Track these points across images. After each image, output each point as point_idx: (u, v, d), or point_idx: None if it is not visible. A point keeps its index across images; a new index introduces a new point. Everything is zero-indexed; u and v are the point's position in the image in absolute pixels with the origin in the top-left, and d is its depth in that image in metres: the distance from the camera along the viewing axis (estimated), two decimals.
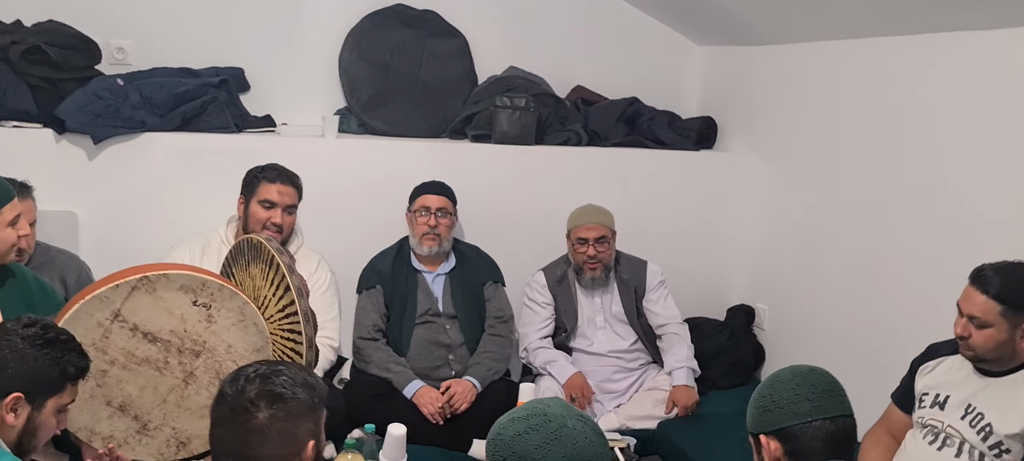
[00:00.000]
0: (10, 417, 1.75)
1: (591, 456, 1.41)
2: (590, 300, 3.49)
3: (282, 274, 2.39)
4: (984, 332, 2.17)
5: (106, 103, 3.31)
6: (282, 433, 1.54)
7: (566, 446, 1.40)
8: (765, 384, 1.73)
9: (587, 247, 3.39)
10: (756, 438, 1.71)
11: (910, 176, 3.04)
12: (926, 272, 2.96)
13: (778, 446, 1.65)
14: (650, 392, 3.37)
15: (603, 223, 3.42)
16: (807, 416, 1.64)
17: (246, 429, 1.53)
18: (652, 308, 3.52)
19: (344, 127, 3.79)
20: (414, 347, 3.29)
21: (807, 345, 3.52)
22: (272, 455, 1.53)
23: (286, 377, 1.59)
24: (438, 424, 3.08)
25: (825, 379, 1.70)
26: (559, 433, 1.40)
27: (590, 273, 3.43)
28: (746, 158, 3.96)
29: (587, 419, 1.48)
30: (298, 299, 2.37)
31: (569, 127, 3.92)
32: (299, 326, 2.38)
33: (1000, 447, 2.17)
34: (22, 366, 1.77)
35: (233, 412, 1.54)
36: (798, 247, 3.66)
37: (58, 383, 1.82)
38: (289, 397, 1.56)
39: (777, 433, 1.66)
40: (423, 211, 3.35)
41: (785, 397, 1.66)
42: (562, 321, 3.48)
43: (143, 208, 3.41)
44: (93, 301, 2.18)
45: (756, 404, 1.72)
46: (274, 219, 3.09)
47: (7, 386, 1.75)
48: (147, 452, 2.35)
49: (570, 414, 1.46)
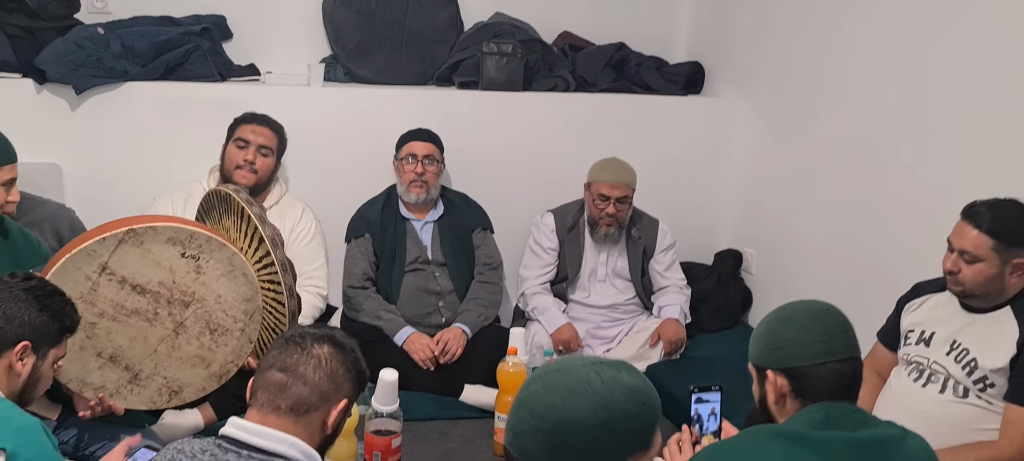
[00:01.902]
0: (18, 365, 1.79)
1: (610, 401, 1.28)
2: (596, 253, 3.47)
3: (254, 226, 2.38)
4: (974, 267, 2.20)
5: (87, 52, 3.25)
6: (332, 373, 1.59)
7: (583, 396, 1.28)
8: (777, 320, 1.69)
9: (608, 204, 3.34)
10: (762, 371, 1.70)
11: (898, 119, 3.04)
12: (913, 214, 2.97)
13: (785, 383, 1.64)
14: (639, 334, 3.40)
15: (627, 182, 3.35)
16: (820, 357, 1.62)
17: (305, 353, 1.58)
18: (658, 270, 3.51)
19: (330, 75, 3.75)
20: (404, 295, 3.30)
21: (794, 288, 3.54)
22: (315, 383, 1.57)
23: (354, 345, 1.68)
24: (429, 370, 3.10)
25: (839, 319, 1.67)
26: (574, 386, 1.29)
27: (605, 229, 3.39)
28: (734, 103, 3.94)
29: (620, 366, 1.35)
30: (273, 249, 2.36)
31: (557, 73, 3.89)
32: (278, 276, 2.38)
33: (985, 381, 2.21)
34: (28, 316, 1.81)
35: (302, 338, 1.60)
36: (785, 191, 3.67)
37: (59, 334, 1.88)
38: (349, 350, 1.64)
39: (786, 371, 1.64)
40: (410, 158, 3.33)
41: (798, 337, 1.64)
42: (564, 269, 3.47)
43: (127, 159, 3.38)
44: (79, 255, 2.17)
45: (765, 340, 1.69)
46: (247, 156, 3.08)
47: (16, 335, 1.79)
48: (140, 401, 2.36)
49: (591, 363, 1.34)
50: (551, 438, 1.27)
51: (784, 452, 1.54)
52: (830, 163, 3.38)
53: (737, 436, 1.67)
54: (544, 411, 1.28)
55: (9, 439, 1.61)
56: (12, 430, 1.63)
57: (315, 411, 1.56)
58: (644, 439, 1.30)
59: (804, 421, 1.60)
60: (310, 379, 1.56)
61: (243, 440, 1.53)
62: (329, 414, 1.58)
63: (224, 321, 2.35)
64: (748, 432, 1.65)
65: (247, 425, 1.55)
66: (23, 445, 1.62)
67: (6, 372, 1.79)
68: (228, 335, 2.36)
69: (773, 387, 1.66)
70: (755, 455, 1.55)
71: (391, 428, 2.37)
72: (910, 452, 1.61)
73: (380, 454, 2.34)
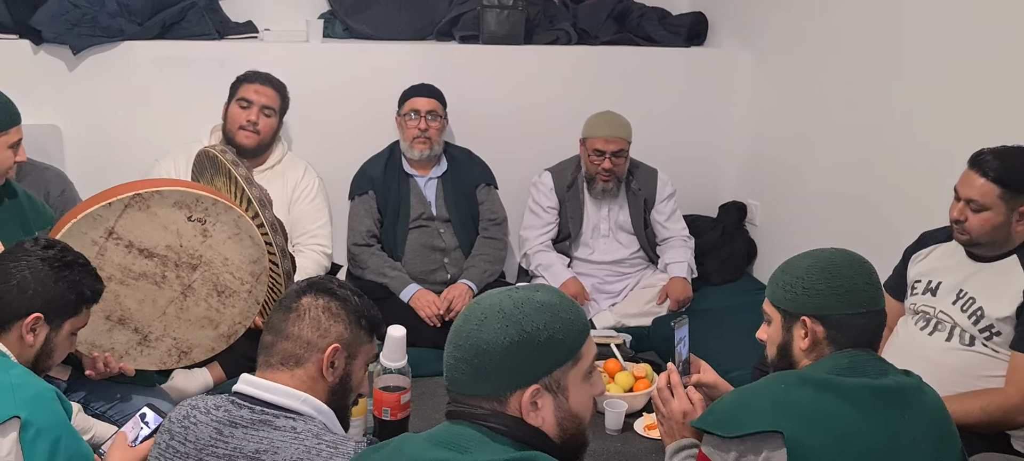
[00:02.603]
0: (29, 337, 1.78)
1: (520, 319, 1.32)
2: (597, 209, 3.46)
3: (241, 188, 2.38)
4: (981, 215, 2.20)
5: (82, 11, 3.21)
6: (314, 320, 1.60)
7: (496, 320, 1.33)
8: (817, 268, 1.65)
9: (603, 159, 3.31)
10: (793, 317, 1.67)
11: (902, 68, 3.01)
12: (918, 164, 2.96)
13: (821, 330, 1.64)
14: (645, 290, 3.40)
15: (622, 136, 3.32)
16: (862, 306, 1.62)
17: (287, 310, 1.61)
18: (660, 220, 3.50)
19: (329, 31, 3.70)
20: (409, 251, 3.30)
21: (799, 239, 3.52)
22: (297, 335, 1.59)
23: (346, 288, 1.67)
24: (436, 326, 3.11)
25: (873, 270, 1.67)
26: (488, 310, 1.34)
27: (603, 184, 3.37)
28: (737, 54, 3.91)
29: (538, 288, 1.39)
30: (261, 210, 2.36)
31: (558, 26, 3.85)
32: (269, 236, 2.38)
33: (991, 330, 2.22)
34: (42, 287, 1.78)
35: (287, 297, 1.62)
36: (789, 142, 3.65)
37: (76, 305, 1.84)
38: (339, 295, 1.64)
39: (824, 318, 1.63)
40: (413, 114, 3.31)
41: (843, 285, 1.62)
42: (566, 227, 3.47)
43: (127, 119, 3.35)
44: (86, 219, 2.16)
45: (803, 287, 1.65)
46: (250, 116, 3.07)
47: (28, 306, 1.77)
48: (149, 362, 2.37)
49: (513, 293, 1.38)
50: (473, 364, 1.33)
51: (812, 397, 1.55)
52: (834, 113, 3.36)
53: (761, 382, 1.65)
54: (462, 340, 1.34)
55: (23, 407, 1.60)
56: (26, 398, 1.62)
57: (306, 361, 1.58)
58: (569, 351, 1.35)
59: (829, 367, 1.60)
60: (292, 333, 1.59)
61: (256, 396, 1.55)
62: (321, 361, 1.59)
63: (231, 283, 2.35)
64: (772, 377, 1.65)
65: (259, 382, 1.57)
66: (36, 413, 1.61)
67: (17, 341, 1.77)
68: (236, 296, 2.37)
69: (807, 333, 1.65)
70: (783, 401, 1.55)
71: (400, 384, 2.38)
72: (929, 401, 1.62)
73: (389, 410, 2.35)
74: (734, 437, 1.55)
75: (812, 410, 1.53)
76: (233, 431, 1.51)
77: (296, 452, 1.48)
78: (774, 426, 1.51)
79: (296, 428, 1.51)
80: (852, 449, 1.51)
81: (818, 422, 1.52)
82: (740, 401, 1.61)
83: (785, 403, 1.55)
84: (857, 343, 1.63)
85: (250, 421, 1.52)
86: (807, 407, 1.53)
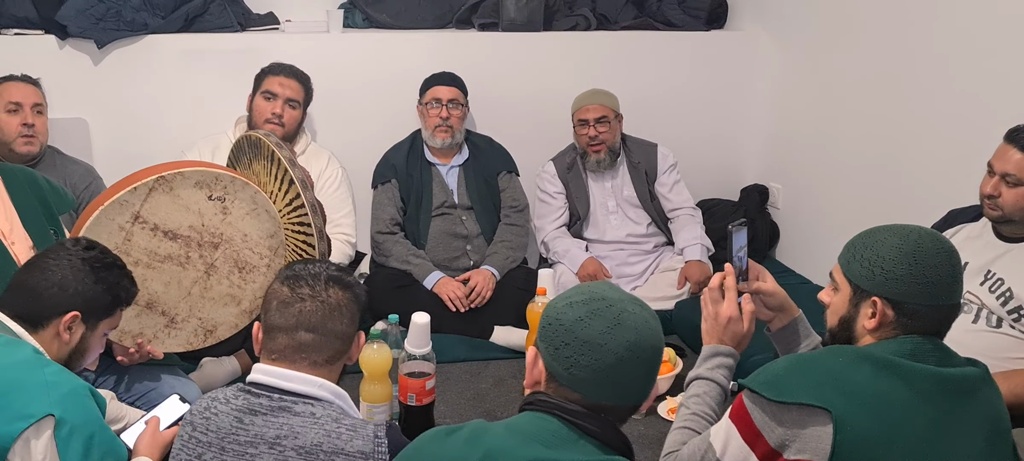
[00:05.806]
0: (66, 335, 1.79)
1: (653, 342, 1.38)
2: (600, 185, 3.49)
3: (284, 168, 2.41)
4: (1017, 190, 2.17)
5: (107, 6, 3.26)
6: (352, 315, 1.64)
7: (629, 332, 1.35)
8: (904, 250, 1.54)
9: (588, 128, 3.38)
10: (864, 294, 1.57)
11: (925, 48, 2.98)
12: (941, 146, 2.93)
13: (893, 315, 1.55)
14: (665, 274, 3.40)
15: (603, 103, 3.39)
16: (941, 299, 1.53)
17: (326, 305, 1.61)
18: (664, 192, 3.52)
19: (349, 21, 3.73)
20: (431, 239, 3.32)
21: (822, 222, 3.53)
22: (342, 333, 1.62)
23: (346, 273, 1.70)
24: (460, 312, 3.13)
25: (959, 261, 1.57)
26: (621, 318, 1.36)
27: (594, 155, 3.41)
28: (758, 36, 3.88)
29: (643, 304, 1.42)
30: (303, 191, 2.40)
31: (577, 11, 3.85)
32: (308, 217, 2.41)
33: (1019, 311, 2.19)
34: (82, 287, 1.80)
35: (313, 291, 1.61)
36: (811, 124, 3.63)
37: (111, 307, 1.86)
38: (355, 286, 1.68)
39: (898, 305, 1.54)
40: (434, 103, 3.32)
41: (926, 275, 1.52)
42: (575, 208, 3.49)
43: (152, 111, 3.40)
44: (112, 206, 2.20)
45: (886, 267, 1.54)
46: (275, 109, 3.10)
47: (67, 304, 1.79)
48: (176, 344, 2.41)
49: (626, 298, 1.40)
50: (602, 373, 1.35)
51: (872, 377, 1.47)
52: (856, 94, 3.33)
53: (820, 353, 1.58)
54: (601, 351, 1.36)
55: (57, 405, 1.60)
56: (61, 395, 1.62)
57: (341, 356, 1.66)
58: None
59: (892, 349, 1.52)
60: (341, 332, 1.63)
61: (272, 385, 1.57)
62: None
63: (251, 258, 2.40)
64: (831, 350, 1.57)
65: (275, 371, 1.59)
66: (70, 411, 1.62)
67: (54, 338, 1.78)
68: (255, 271, 2.41)
69: (875, 313, 1.56)
70: (842, 376, 1.48)
71: (425, 370, 2.40)
72: (991, 393, 1.56)
73: (415, 395, 2.37)
74: (781, 402, 1.48)
75: (868, 392, 1.45)
76: (253, 419, 1.53)
77: (317, 436, 1.50)
78: (824, 403, 1.44)
79: (315, 413, 1.53)
80: (902, 435, 1.43)
81: (871, 405, 1.44)
82: (794, 368, 1.53)
83: (841, 380, 1.47)
84: (925, 331, 1.55)
85: (269, 408, 1.54)
86: (862, 388, 1.46)
